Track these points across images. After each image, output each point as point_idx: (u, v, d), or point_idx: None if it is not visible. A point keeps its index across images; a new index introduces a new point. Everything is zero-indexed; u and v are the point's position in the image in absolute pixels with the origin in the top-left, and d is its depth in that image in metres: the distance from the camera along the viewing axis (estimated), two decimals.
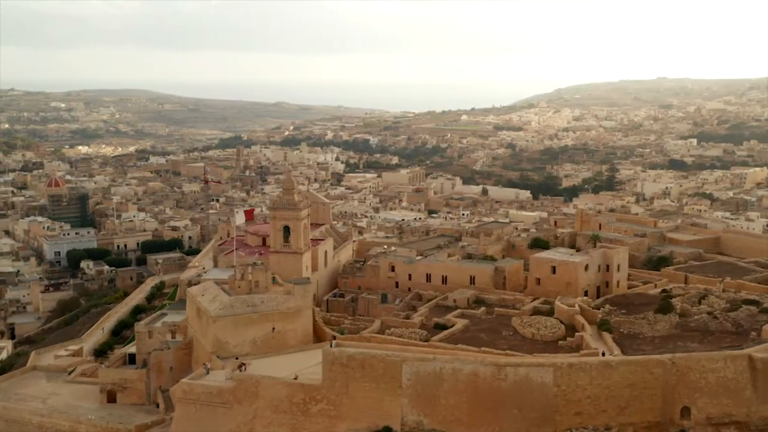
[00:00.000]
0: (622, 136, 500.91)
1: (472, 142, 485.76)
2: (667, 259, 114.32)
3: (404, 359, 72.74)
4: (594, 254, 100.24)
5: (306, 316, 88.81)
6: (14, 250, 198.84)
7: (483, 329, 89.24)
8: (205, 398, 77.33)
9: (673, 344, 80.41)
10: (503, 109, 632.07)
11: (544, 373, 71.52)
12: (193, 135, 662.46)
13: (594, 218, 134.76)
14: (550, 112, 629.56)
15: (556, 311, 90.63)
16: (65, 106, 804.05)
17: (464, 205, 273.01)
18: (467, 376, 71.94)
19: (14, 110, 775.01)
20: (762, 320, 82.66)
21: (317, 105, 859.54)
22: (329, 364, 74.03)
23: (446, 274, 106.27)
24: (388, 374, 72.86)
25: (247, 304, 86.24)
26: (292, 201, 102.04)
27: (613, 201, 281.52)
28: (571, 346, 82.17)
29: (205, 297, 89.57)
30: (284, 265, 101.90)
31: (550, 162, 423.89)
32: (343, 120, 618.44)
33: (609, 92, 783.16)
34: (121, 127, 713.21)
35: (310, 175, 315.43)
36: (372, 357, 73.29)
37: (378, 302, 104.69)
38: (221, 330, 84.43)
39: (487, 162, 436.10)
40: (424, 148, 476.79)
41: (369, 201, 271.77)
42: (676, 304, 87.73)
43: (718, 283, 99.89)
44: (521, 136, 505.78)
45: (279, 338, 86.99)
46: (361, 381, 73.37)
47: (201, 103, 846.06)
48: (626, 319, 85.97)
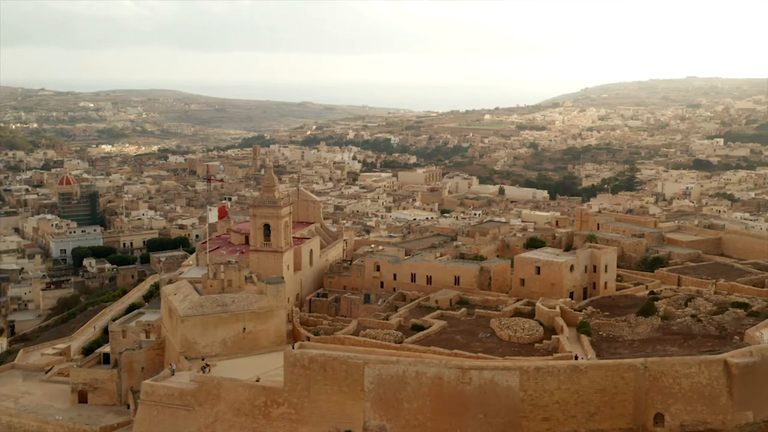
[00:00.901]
0: (648, 136, 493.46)
1: (494, 142, 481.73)
2: (662, 260, 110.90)
3: (366, 362, 70.53)
4: (580, 255, 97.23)
5: (279, 317, 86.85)
6: (21, 248, 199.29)
7: (460, 331, 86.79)
8: (167, 400, 75.73)
9: (652, 348, 77.42)
10: (527, 109, 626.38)
11: (509, 376, 68.98)
12: (217, 134, 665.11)
13: (592, 218, 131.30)
14: (575, 111, 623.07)
15: (537, 313, 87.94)
16: (93, 106, 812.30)
17: (479, 204, 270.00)
18: (431, 380, 69.61)
19: (44, 110, 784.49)
20: (747, 324, 79.40)
21: (342, 105, 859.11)
22: (291, 367, 72.05)
23: (431, 274, 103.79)
24: (350, 377, 70.74)
25: (217, 303, 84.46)
26: (272, 198, 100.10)
27: (632, 201, 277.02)
28: (546, 349, 79.54)
29: (177, 296, 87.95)
30: (264, 264, 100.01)
31: (572, 162, 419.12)
32: (365, 120, 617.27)
33: (637, 91, 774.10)
34: (147, 127, 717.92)
35: (325, 174, 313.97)
36: (333, 359, 71.17)
37: (361, 302, 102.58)
38: (190, 330, 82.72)
39: (508, 162, 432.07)
40: (444, 148, 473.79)
41: (382, 200, 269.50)
42: (660, 307, 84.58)
43: (710, 285, 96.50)
44: (544, 136, 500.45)
45: (250, 339, 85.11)
46: (322, 384, 71.33)
47: (227, 103, 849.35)
48: (606, 322, 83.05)
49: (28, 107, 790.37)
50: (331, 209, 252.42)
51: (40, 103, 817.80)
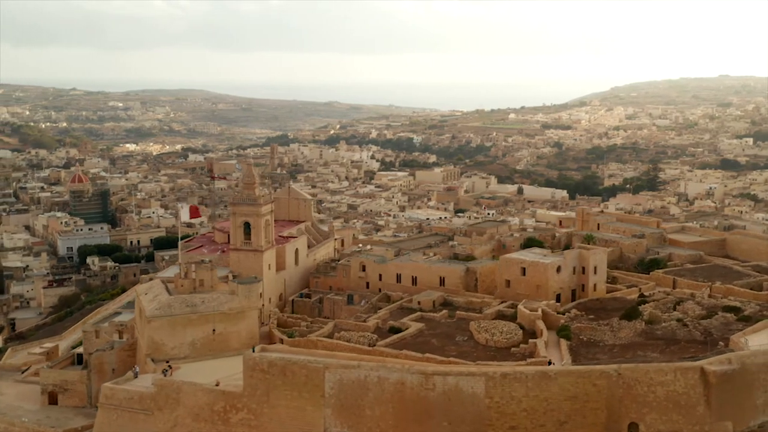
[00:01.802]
0: (675, 135, 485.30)
1: (518, 141, 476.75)
2: (660, 262, 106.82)
3: (327, 366, 67.71)
4: (568, 255, 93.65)
5: (251, 318, 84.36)
6: (28, 245, 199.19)
7: (437, 334, 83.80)
8: (126, 404, 73.54)
9: (633, 353, 73.83)
10: (553, 108, 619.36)
11: (475, 383, 65.81)
12: (243, 134, 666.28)
13: (593, 218, 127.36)
14: (602, 110, 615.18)
15: (519, 315, 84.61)
16: (123, 105, 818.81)
17: (495, 204, 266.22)
18: (393, 386, 66.64)
19: (74, 109, 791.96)
20: (735, 329, 75.47)
21: (368, 104, 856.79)
22: (250, 371, 69.48)
23: (416, 275, 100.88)
24: (310, 382, 67.97)
25: (186, 304, 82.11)
26: (252, 196, 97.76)
27: (653, 201, 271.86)
28: (523, 354, 76.27)
29: (148, 296, 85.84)
30: (245, 264, 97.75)
31: (596, 161, 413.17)
32: (389, 119, 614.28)
33: (667, 90, 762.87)
34: (174, 126, 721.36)
35: (341, 173, 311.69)
36: (293, 364, 68.43)
37: (344, 303, 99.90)
38: (156, 331, 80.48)
39: (530, 161, 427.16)
40: (467, 147, 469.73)
41: (396, 199, 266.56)
42: (645, 311, 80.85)
43: (705, 287, 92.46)
44: (569, 135, 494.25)
45: (220, 341, 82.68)
46: (282, 389, 68.63)
47: (254, 103, 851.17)
48: (588, 326, 79.54)
49: (59, 107, 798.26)
50: (344, 208, 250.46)
51: (71, 103, 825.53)
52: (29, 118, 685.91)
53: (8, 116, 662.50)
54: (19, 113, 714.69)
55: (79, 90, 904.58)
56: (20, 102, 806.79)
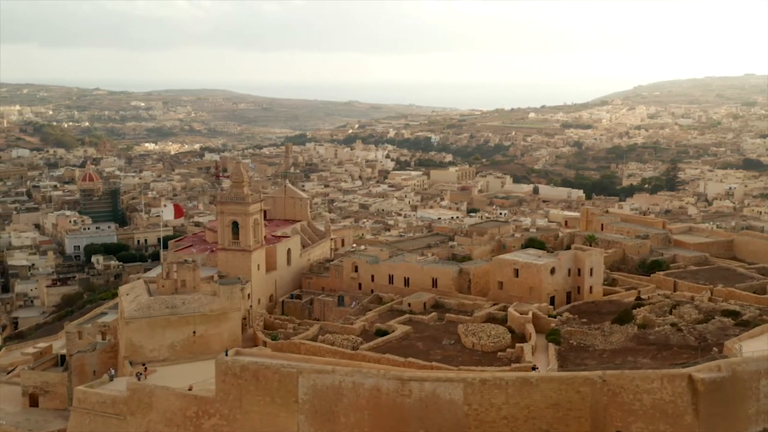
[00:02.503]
0: (698, 135, 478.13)
1: (537, 140, 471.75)
2: (662, 263, 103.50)
3: (300, 371, 65.59)
4: (563, 257, 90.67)
5: (233, 320, 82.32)
6: (36, 244, 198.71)
7: (424, 337, 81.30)
8: (99, 408, 71.91)
9: (623, 359, 70.91)
10: (574, 107, 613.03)
11: (452, 389, 63.38)
12: (263, 133, 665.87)
13: (597, 218, 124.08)
14: (623, 109, 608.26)
15: (509, 318, 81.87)
16: (145, 105, 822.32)
17: (509, 204, 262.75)
18: (368, 391, 64.38)
19: (96, 109, 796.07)
20: (732, 333, 72.30)
21: (388, 104, 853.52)
22: (222, 375, 67.54)
23: (408, 276, 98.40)
24: (283, 387, 65.88)
25: (166, 305, 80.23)
26: (240, 194, 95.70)
27: (671, 201, 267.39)
28: (509, 358, 73.52)
29: (129, 297, 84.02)
30: (233, 264, 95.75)
31: (615, 161, 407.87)
32: (408, 118, 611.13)
33: (691, 89, 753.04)
34: (195, 126, 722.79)
35: (355, 173, 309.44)
36: (266, 368, 66.35)
37: (334, 305, 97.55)
38: (135, 333, 78.67)
39: (549, 160, 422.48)
40: (485, 146, 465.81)
41: (409, 199, 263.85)
42: (639, 314, 77.81)
43: (705, 290, 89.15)
44: (589, 134, 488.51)
45: (201, 343, 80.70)
46: (255, 394, 66.58)
47: (275, 103, 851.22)
48: (578, 330, 76.72)
49: (82, 106, 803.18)
50: (355, 207, 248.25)
51: (94, 103, 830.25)
52: (52, 118, 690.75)
53: (32, 116, 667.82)
54: (42, 113, 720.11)
55: (102, 90, 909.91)
56: (44, 102, 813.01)
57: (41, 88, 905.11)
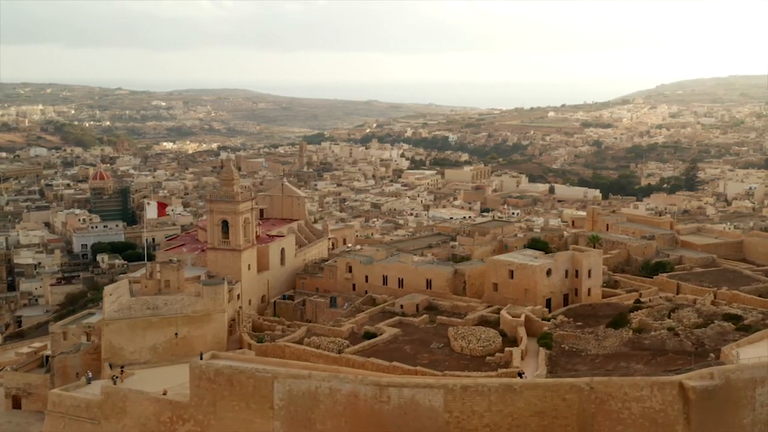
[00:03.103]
0: (720, 134, 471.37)
1: (555, 140, 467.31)
2: (665, 265, 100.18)
3: (276, 376, 63.20)
4: (560, 258, 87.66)
5: (217, 321, 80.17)
6: (44, 242, 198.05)
7: (413, 340, 78.72)
8: (73, 412, 69.97)
9: (615, 364, 68.03)
10: (595, 106, 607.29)
11: (432, 395, 60.70)
12: (282, 132, 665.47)
13: (602, 218, 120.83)
14: (645, 108, 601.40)
15: (501, 321, 79.13)
16: (166, 104, 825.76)
17: (523, 203, 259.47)
18: (346, 397, 61.85)
19: (118, 108, 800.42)
20: (731, 339, 69.06)
21: (408, 103, 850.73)
22: (196, 380, 65.26)
23: (402, 277, 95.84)
24: (258, 393, 63.50)
25: (147, 306, 78.19)
26: (230, 193, 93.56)
27: (689, 201, 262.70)
28: (498, 363, 70.78)
29: (112, 297, 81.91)
30: (222, 263, 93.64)
31: (635, 160, 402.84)
32: (426, 117, 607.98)
33: (714, 88, 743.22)
34: (214, 125, 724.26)
35: (368, 172, 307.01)
36: (240, 373, 63.99)
37: (326, 306, 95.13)
38: (115, 334, 76.77)
39: (568, 160, 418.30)
40: (503, 146, 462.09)
41: (421, 198, 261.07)
42: (635, 318, 74.75)
43: (709, 293, 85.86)
44: (609, 134, 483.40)
45: (184, 345, 78.63)
46: (229, 399, 64.25)
47: (295, 102, 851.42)
48: (571, 334, 73.79)
49: (104, 106, 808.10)
50: (367, 206, 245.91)
51: (116, 102, 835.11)
52: (74, 117, 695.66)
53: (54, 115, 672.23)
54: (65, 112, 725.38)
55: (124, 90, 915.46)
56: (67, 101, 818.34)
57: (64, 87, 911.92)
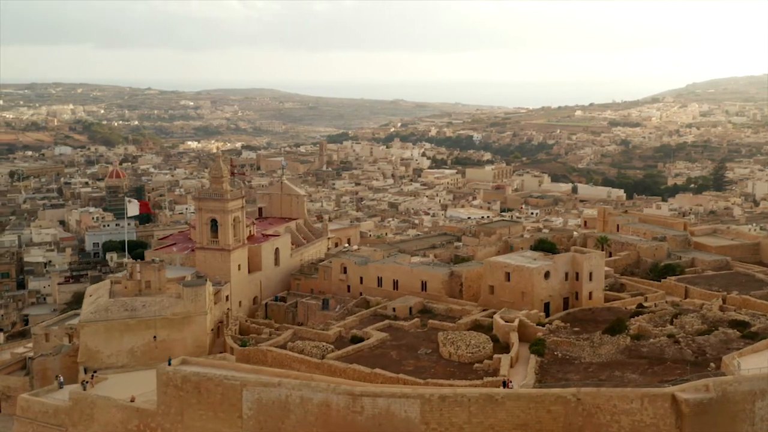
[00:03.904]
0: (751, 133, 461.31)
1: (582, 139, 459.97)
2: (675, 268, 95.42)
3: (245, 384, 60.03)
4: (559, 260, 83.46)
5: (198, 324, 77.23)
6: (56, 240, 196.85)
7: (400, 345, 75.04)
8: (41, 417, 67.40)
9: (609, 373, 63.93)
10: (623, 105, 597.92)
11: (408, 406, 57.22)
12: (307, 132, 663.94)
13: (613, 219, 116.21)
14: (675, 107, 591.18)
15: (494, 326, 75.19)
16: (193, 104, 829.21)
17: (544, 203, 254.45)
18: (317, 407, 58.56)
19: (147, 108, 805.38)
20: (735, 347, 64.66)
21: (434, 102, 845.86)
22: (163, 387, 62.32)
23: (397, 278, 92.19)
24: (226, 401, 60.36)
25: (125, 308, 75.43)
26: (219, 191, 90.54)
27: (716, 202, 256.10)
28: (486, 370, 66.91)
29: (92, 297, 79.18)
30: (211, 264, 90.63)
31: (663, 160, 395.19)
32: (452, 116, 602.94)
33: (747, 87, 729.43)
34: (241, 125, 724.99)
35: (388, 171, 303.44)
36: (208, 380, 60.94)
37: (318, 308, 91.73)
38: (91, 337, 74.06)
39: (594, 159, 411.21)
40: (528, 145, 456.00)
41: (440, 197, 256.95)
42: (633, 324, 70.50)
43: (717, 297, 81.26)
44: (637, 133, 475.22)
45: (163, 348, 75.74)
46: (197, 408, 61.23)
47: (321, 102, 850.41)
48: (565, 340, 69.67)
49: (133, 105, 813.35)
50: (384, 206, 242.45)
51: (145, 102, 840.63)
52: (103, 117, 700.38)
53: (84, 114, 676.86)
54: (94, 111, 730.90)
55: (153, 90, 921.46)
56: (97, 101, 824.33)
57: (95, 87, 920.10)
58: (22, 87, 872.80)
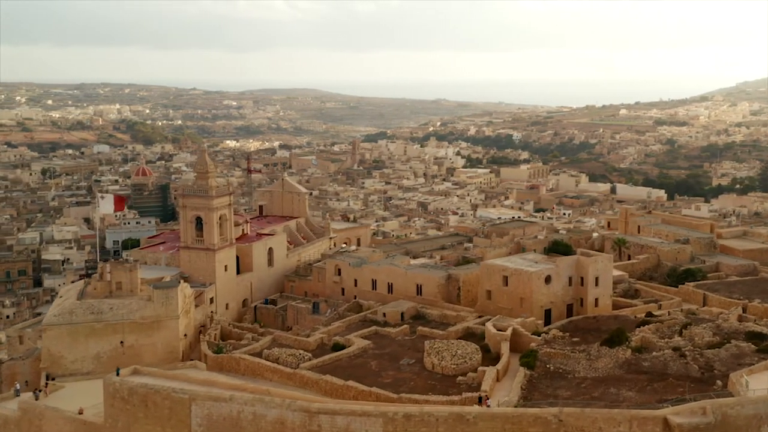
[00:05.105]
0: None
1: (626, 138, 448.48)
2: (695, 273, 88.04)
3: (194, 398, 54.81)
4: (561, 263, 76.81)
5: (169, 329, 72.28)
6: (77, 238, 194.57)
7: (382, 354, 69.33)
8: None
9: (603, 390, 57.47)
10: (671, 104, 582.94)
11: (370, 425, 51.62)
12: (347, 132, 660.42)
13: (634, 219, 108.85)
14: (724, 105, 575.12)
15: (486, 335, 69.02)
16: (236, 104, 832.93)
17: (579, 203, 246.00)
18: (271, 424, 53.18)
19: (191, 108, 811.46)
20: (747, 362, 57.67)
21: (477, 102, 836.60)
22: (110, 398, 57.55)
23: (392, 281, 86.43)
24: (174, 416, 55.31)
25: (90, 310, 70.81)
26: (204, 187, 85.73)
27: (761, 203, 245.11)
28: (469, 384, 60.90)
29: (62, 299, 74.64)
30: (196, 264, 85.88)
31: (710, 159, 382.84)
32: (492, 116, 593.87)
33: None
34: (282, 124, 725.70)
35: (419, 170, 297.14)
36: (155, 392, 55.94)
37: (308, 312, 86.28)
38: (54, 341, 69.55)
39: (637, 159, 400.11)
40: (570, 144, 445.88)
41: (471, 197, 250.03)
42: (636, 335, 63.74)
43: (737, 306, 74.02)
44: (684, 132, 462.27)
45: (131, 354, 70.93)
46: (144, 422, 56.28)
47: (362, 101, 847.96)
48: (559, 352, 63.21)
49: (178, 105, 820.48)
50: (413, 205, 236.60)
51: (189, 102, 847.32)
52: (148, 116, 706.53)
53: (129, 114, 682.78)
54: (140, 111, 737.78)
55: (198, 90, 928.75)
56: (143, 101, 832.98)
57: (142, 87, 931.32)
58: (72, 87, 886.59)
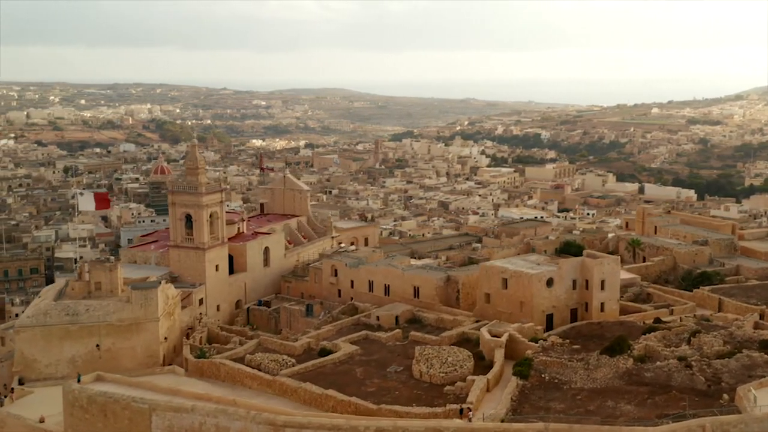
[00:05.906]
0: None
1: (657, 137, 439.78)
2: (711, 276, 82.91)
3: (154, 408, 51.22)
4: (565, 265, 72.18)
5: (149, 331, 68.93)
6: (92, 236, 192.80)
7: (369, 361, 65.39)
8: None
9: (600, 403, 53.02)
10: (704, 102, 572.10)
11: None
12: (375, 131, 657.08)
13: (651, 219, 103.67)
14: (759, 104, 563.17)
15: (480, 341, 64.72)
16: (265, 104, 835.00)
17: (605, 203, 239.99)
18: None
19: (220, 108, 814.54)
20: (757, 374, 52.90)
21: (506, 101, 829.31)
22: (69, 407, 54.32)
23: (388, 283, 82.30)
24: (134, 427, 52.02)
25: (66, 312, 67.65)
26: (193, 183, 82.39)
27: None
28: (457, 394, 56.75)
29: (40, 299, 71.55)
30: (186, 263, 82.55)
31: (743, 159, 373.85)
32: (521, 115, 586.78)
33: None
34: (310, 124, 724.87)
35: (442, 169, 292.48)
36: (114, 402, 52.68)
37: (301, 314, 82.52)
38: (27, 344, 66.49)
39: (669, 158, 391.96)
40: (599, 143, 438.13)
41: (494, 196, 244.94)
42: (639, 343, 59.09)
43: (754, 312, 68.97)
44: (717, 131, 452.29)
45: (108, 358, 67.76)
46: None
47: (391, 101, 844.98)
48: (556, 360, 58.77)
49: (208, 105, 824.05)
50: (434, 204, 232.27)
51: (219, 102, 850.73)
52: (179, 116, 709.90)
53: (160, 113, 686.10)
54: (170, 111, 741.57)
55: (228, 89, 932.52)
56: (174, 101, 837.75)
57: (173, 88, 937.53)
58: (104, 87, 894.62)
